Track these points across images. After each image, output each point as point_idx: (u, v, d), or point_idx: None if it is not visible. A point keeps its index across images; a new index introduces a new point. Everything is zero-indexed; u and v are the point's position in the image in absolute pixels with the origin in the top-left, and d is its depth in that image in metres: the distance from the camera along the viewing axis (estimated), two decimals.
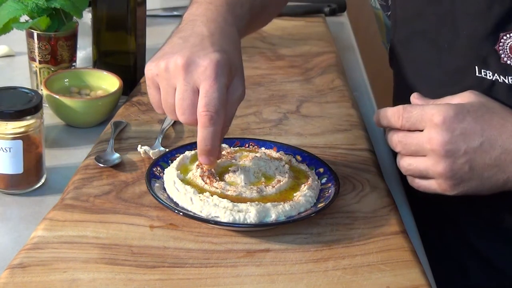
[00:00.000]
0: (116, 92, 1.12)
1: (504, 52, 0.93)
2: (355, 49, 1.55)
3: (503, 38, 0.92)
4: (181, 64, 0.83)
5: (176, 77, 0.84)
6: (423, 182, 0.87)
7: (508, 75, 0.93)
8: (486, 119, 0.84)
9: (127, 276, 0.77)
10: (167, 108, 0.86)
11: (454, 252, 1.10)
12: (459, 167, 0.83)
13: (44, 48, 1.15)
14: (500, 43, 0.93)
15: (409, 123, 0.86)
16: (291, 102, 1.17)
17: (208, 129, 0.82)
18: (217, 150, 0.85)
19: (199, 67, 0.83)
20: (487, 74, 0.95)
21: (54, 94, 1.09)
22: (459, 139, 0.83)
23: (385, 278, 0.79)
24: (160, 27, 1.54)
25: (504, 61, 0.93)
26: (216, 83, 0.82)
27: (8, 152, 0.92)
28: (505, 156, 0.83)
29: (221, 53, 0.84)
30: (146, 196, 0.89)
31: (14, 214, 0.92)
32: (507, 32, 0.92)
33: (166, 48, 0.89)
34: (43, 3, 1.10)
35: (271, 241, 0.84)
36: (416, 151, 0.86)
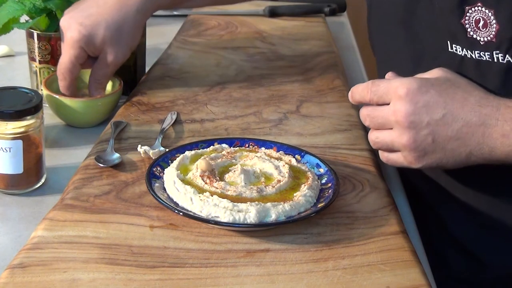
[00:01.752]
0: (116, 92, 1.12)
1: (470, 26, 0.94)
2: (355, 49, 1.55)
3: (468, 12, 0.94)
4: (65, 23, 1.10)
5: None
6: (391, 155, 0.90)
7: (474, 49, 0.95)
8: (450, 93, 0.86)
9: (127, 276, 0.77)
10: None
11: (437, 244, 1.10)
12: (422, 138, 0.85)
13: (44, 48, 1.15)
14: (466, 17, 0.94)
15: (376, 96, 0.89)
16: (291, 102, 1.17)
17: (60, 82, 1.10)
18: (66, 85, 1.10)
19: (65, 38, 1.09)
20: (457, 50, 0.96)
21: (54, 94, 1.09)
22: (422, 110, 0.85)
23: (385, 278, 0.79)
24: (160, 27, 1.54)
25: (471, 35, 0.94)
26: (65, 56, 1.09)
27: (8, 152, 0.92)
28: (466, 129, 0.85)
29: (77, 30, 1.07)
30: (146, 196, 0.89)
31: (14, 214, 0.92)
32: (472, 5, 0.93)
33: None
34: (40, 3, 1.11)
35: (271, 241, 0.84)
36: (382, 123, 0.88)
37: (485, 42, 0.93)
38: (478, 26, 0.93)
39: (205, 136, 1.04)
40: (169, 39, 1.39)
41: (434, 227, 1.10)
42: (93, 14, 1.08)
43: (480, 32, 0.93)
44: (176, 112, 1.10)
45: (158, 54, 1.31)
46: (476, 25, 0.93)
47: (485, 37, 0.93)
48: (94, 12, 1.08)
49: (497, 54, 0.93)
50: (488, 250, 1.06)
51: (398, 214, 0.91)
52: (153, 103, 1.13)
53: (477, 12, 0.93)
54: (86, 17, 1.08)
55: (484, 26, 0.92)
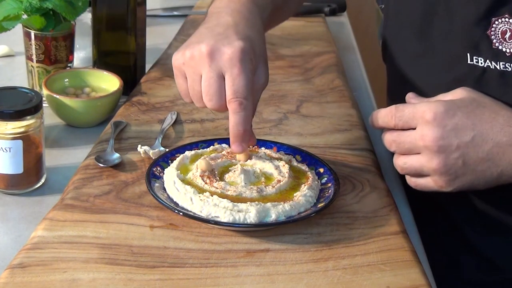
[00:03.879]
0: (116, 92, 1.12)
1: (496, 37, 0.93)
2: (355, 49, 1.55)
3: (494, 23, 0.93)
4: (206, 52, 0.86)
5: (201, 64, 0.87)
6: (420, 180, 0.88)
7: (499, 60, 0.94)
8: (477, 114, 0.85)
9: (127, 276, 0.77)
10: (194, 95, 0.89)
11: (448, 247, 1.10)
12: (453, 162, 0.84)
13: (38, 48, 1.15)
14: (492, 28, 0.93)
15: (402, 121, 0.86)
16: (291, 102, 1.17)
17: (239, 114, 0.86)
18: (249, 135, 0.88)
19: (224, 55, 0.86)
20: (479, 61, 0.96)
21: (54, 94, 1.09)
22: (451, 134, 0.84)
23: (385, 278, 0.79)
24: (160, 27, 1.54)
25: (496, 46, 0.94)
26: (243, 70, 0.85)
27: (8, 152, 0.92)
28: (497, 149, 0.84)
29: (245, 40, 0.87)
30: (146, 196, 0.89)
31: (14, 214, 0.92)
32: (499, 17, 0.93)
33: (192, 38, 0.91)
34: (36, 2, 1.11)
35: (271, 241, 0.84)
36: (410, 149, 0.86)
37: (511, 54, 0.93)
38: (505, 37, 0.92)
39: (205, 136, 1.04)
40: (169, 39, 1.39)
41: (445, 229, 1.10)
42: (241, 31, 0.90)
43: (507, 44, 0.92)
44: (176, 112, 1.10)
45: (158, 54, 1.31)
46: (503, 36, 0.92)
47: (511, 48, 0.92)
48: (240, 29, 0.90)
49: None
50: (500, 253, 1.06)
51: (398, 214, 0.91)
52: (153, 103, 1.13)
53: (504, 23, 0.92)
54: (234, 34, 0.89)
55: (511, 38, 0.92)
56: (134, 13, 1.18)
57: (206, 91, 0.86)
